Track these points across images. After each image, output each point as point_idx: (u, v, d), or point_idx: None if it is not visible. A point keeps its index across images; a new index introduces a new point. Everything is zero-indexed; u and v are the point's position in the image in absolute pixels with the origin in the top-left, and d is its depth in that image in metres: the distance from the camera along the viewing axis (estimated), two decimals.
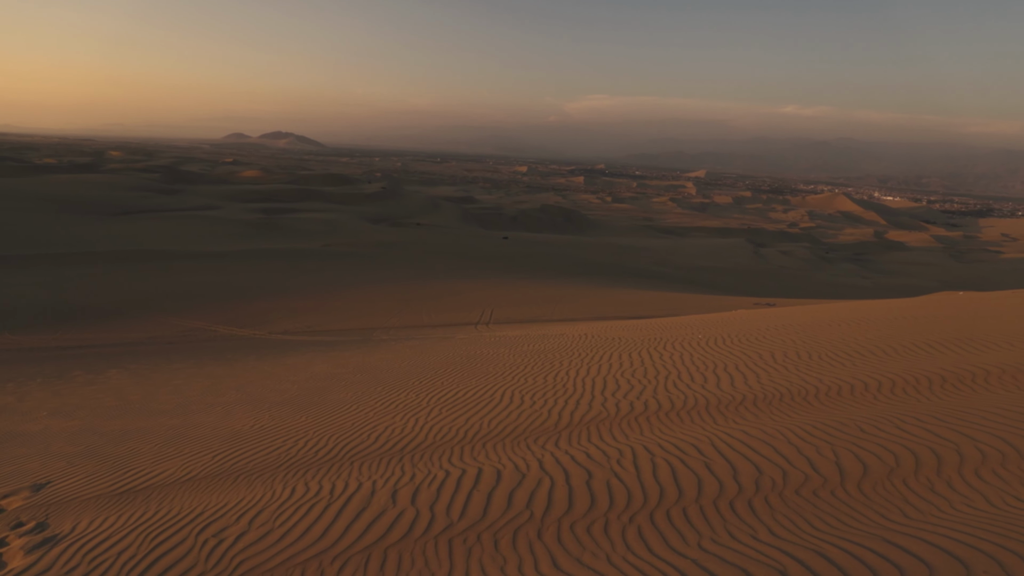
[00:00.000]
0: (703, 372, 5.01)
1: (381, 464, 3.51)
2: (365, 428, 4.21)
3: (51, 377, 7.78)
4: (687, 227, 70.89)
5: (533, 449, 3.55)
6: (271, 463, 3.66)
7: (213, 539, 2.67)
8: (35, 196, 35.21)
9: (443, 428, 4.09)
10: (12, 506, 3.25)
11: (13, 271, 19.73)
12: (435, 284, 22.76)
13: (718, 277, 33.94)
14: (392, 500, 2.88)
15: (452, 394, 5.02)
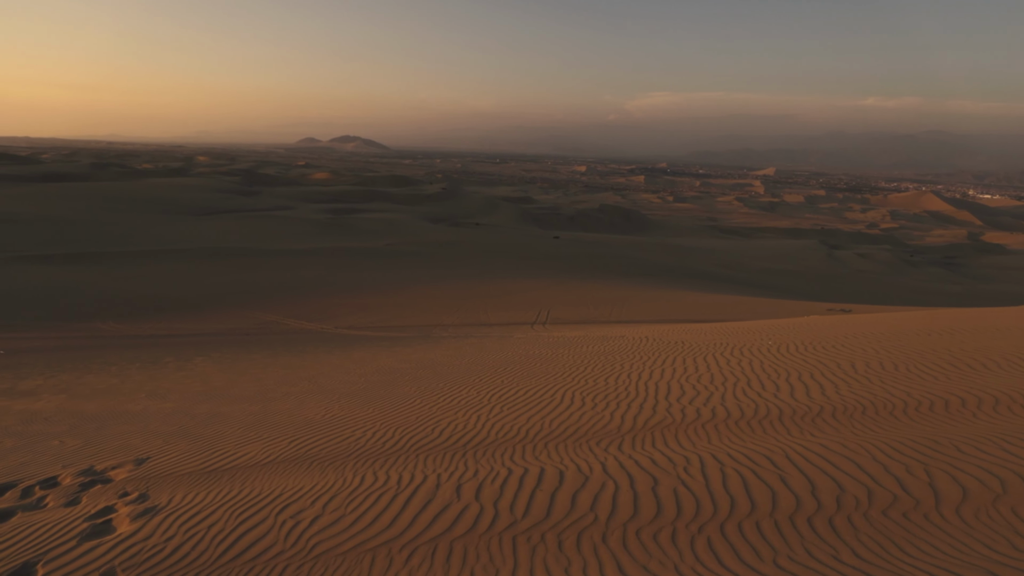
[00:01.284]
0: (775, 380, 4.77)
1: (445, 458, 3.59)
2: (429, 422, 4.33)
3: (147, 363, 8.52)
4: (754, 227, 67.71)
5: (595, 452, 3.51)
6: (342, 451, 3.84)
7: (291, 520, 2.83)
8: (135, 198, 38.77)
9: (504, 426, 4.13)
10: (119, 477, 3.60)
11: (116, 266, 21.78)
12: (492, 283, 23.00)
13: (787, 281, 32.16)
14: (457, 494, 2.94)
15: (512, 392, 5.06)
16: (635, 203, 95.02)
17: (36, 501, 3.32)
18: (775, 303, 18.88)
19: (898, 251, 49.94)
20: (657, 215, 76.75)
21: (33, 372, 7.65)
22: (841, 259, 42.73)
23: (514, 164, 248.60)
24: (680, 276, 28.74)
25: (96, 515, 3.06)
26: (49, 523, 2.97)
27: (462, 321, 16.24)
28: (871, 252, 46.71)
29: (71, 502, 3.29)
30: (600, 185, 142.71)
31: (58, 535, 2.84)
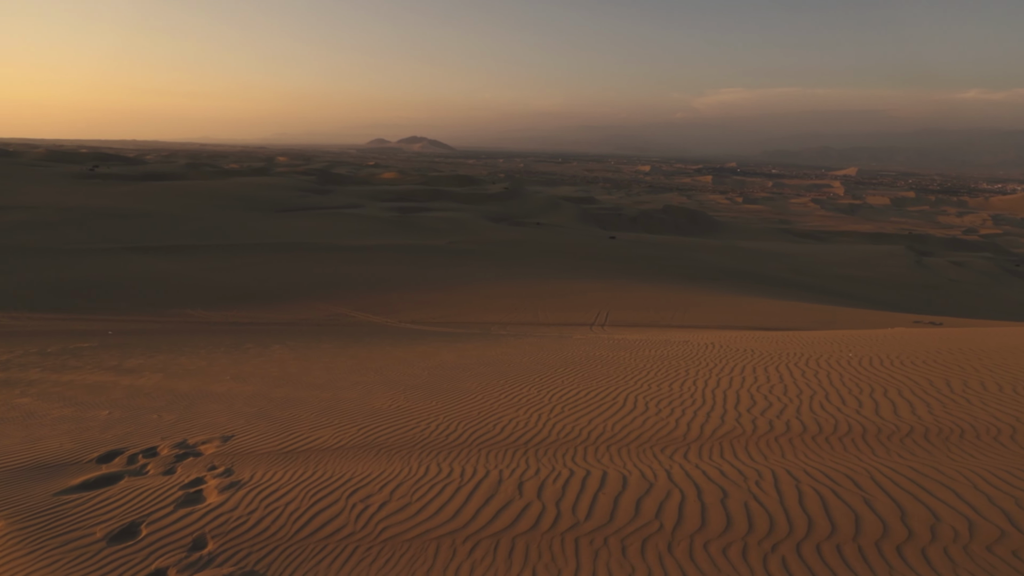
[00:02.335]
0: (857, 395, 4.45)
1: (506, 455, 3.63)
2: (491, 418, 4.39)
3: (230, 348, 9.18)
4: (831, 231, 63.47)
5: (660, 458, 3.43)
6: (407, 441, 3.97)
7: (361, 504, 2.96)
8: (224, 195, 41.91)
9: (566, 426, 4.11)
10: (208, 451, 3.91)
11: (206, 258, 23.62)
12: (551, 283, 22.93)
13: (868, 289, 29.91)
14: (519, 491, 2.97)
15: (573, 393, 5.03)
16: (701, 204, 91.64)
17: (139, 468, 3.67)
18: (854, 312, 17.62)
19: (1001, 260, 45.10)
20: (724, 217, 73.61)
21: (136, 352, 8.45)
22: (931, 267, 39.15)
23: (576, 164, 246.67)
24: (748, 281, 27.45)
25: (189, 485, 3.34)
26: (150, 488, 3.28)
27: (520, 320, 16.32)
28: (968, 260, 42.49)
29: (168, 471, 3.60)
30: (664, 185, 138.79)
31: (157, 500, 3.12)
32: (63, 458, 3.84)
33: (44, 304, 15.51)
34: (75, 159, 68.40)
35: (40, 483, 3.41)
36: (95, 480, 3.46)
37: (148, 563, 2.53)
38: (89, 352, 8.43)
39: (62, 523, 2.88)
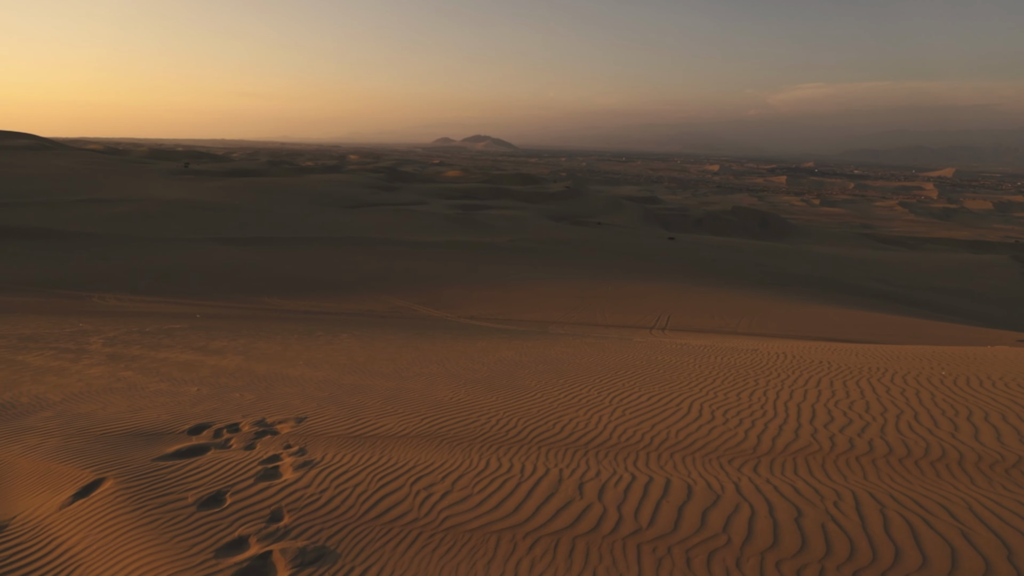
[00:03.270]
0: (952, 418, 4.07)
1: (566, 454, 3.62)
2: (551, 417, 4.39)
3: (303, 335, 9.71)
4: (921, 237, 58.41)
5: (727, 470, 3.29)
6: (468, 434, 4.04)
7: (424, 492, 3.05)
8: (300, 191, 44.42)
9: (627, 430, 4.04)
10: (284, 431, 4.16)
11: (282, 249, 25.12)
12: (611, 284, 22.57)
13: (964, 302, 27.24)
14: (579, 492, 2.95)
15: (635, 397, 4.93)
16: (774, 206, 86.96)
17: (224, 442, 3.96)
18: (947, 327, 16.10)
19: None
20: (799, 220, 69.43)
21: (220, 335, 9.13)
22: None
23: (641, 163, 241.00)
24: (823, 289, 25.77)
25: (267, 460, 3.57)
26: (233, 461, 3.53)
27: (578, 320, 16.18)
28: None
29: (248, 446, 3.87)
30: (734, 186, 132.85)
31: (240, 472, 3.36)
32: (160, 428, 4.22)
33: (144, 288, 17.08)
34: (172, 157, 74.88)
35: (141, 448, 3.77)
36: (186, 450, 3.77)
37: (232, 530, 2.72)
38: (180, 333, 9.20)
39: (160, 486, 3.16)
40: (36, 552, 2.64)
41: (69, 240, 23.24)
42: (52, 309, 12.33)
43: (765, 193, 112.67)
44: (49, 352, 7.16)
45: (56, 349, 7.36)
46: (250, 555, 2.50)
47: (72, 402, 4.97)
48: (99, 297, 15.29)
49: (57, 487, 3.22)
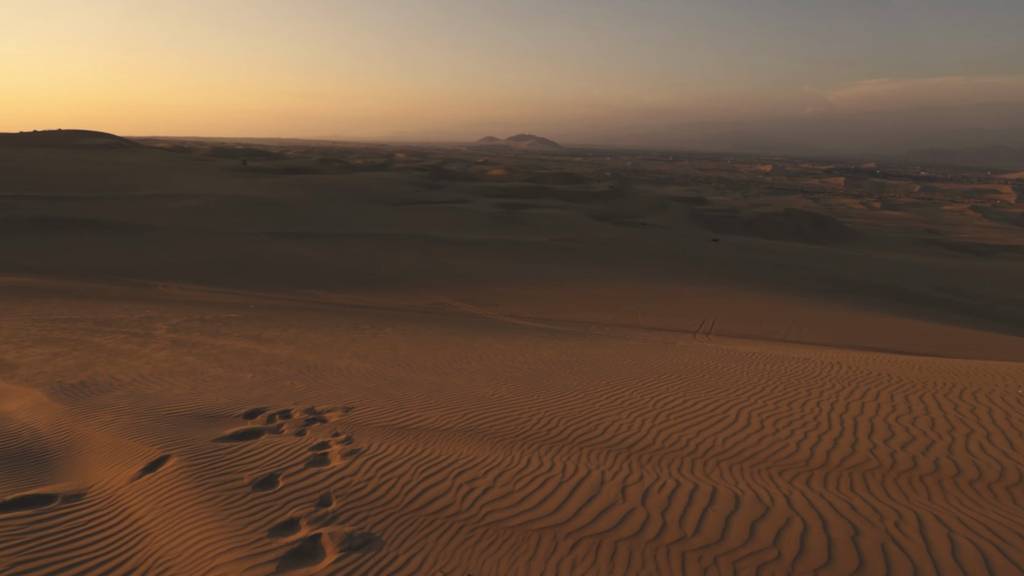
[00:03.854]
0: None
1: (608, 456, 3.58)
2: (592, 418, 4.35)
3: (349, 327, 10.00)
4: (995, 245, 54.42)
5: (777, 482, 3.17)
6: (509, 431, 4.07)
7: (466, 486, 3.09)
8: (349, 188, 45.81)
9: (671, 435, 3.96)
10: (332, 419, 4.31)
11: (331, 244, 25.96)
12: (653, 286, 22.17)
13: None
14: (622, 495, 2.92)
15: (680, 402, 4.83)
16: (830, 208, 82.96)
17: (276, 427, 4.14)
18: (1022, 342, 14.93)
19: None
20: (858, 224, 65.98)
21: (272, 325, 9.54)
22: None
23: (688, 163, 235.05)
24: (882, 297, 24.42)
25: (316, 447, 3.70)
26: (285, 446, 3.69)
27: (620, 321, 15.97)
28: None
29: (299, 432, 4.03)
30: (787, 187, 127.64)
31: (291, 457, 3.51)
32: (218, 410, 4.45)
33: (204, 278, 18.03)
34: (232, 155, 78.68)
35: (202, 429, 3.99)
36: (242, 432, 3.96)
37: (284, 511, 2.85)
38: (236, 322, 9.66)
39: (219, 465, 3.34)
40: (110, 520, 2.84)
41: (139, 232, 24.83)
42: (123, 296, 13.21)
43: (821, 195, 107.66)
44: (121, 336, 7.68)
45: (127, 333, 7.89)
46: (301, 536, 2.61)
47: (140, 383, 5.31)
48: (164, 286, 16.26)
49: (128, 461, 3.46)
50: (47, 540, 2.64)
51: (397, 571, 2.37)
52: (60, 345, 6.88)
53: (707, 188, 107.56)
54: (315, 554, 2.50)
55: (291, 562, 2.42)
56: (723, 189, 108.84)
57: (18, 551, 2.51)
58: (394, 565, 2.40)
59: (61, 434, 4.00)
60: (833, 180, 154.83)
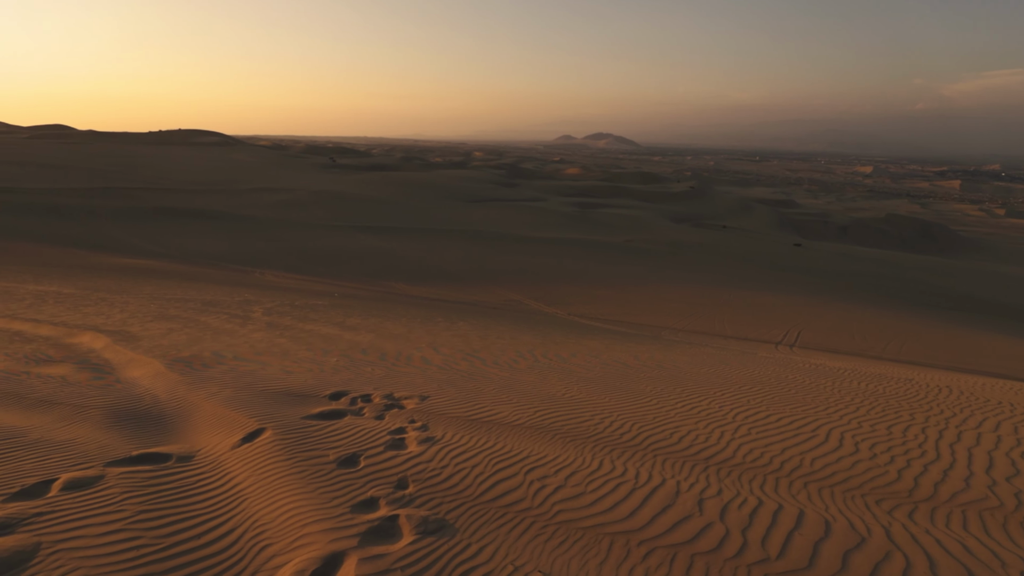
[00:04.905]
0: None
1: (684, 467, 3.46)
2: (667, 425, 4.22)
3: (424, 319, 10.35)
4: None
5: (874, 511, 2.91)
6: (580, 432, 4.04)
7: (538, 482, 3.11)
8: (428, 186, 47.41)
9: (753, 450, 3.75)
10: (409, 406, 4.49)
11: (410, 239, 26.99)
12: (733, 292, 21.11)
13: None
14: (698, 508, 2.80)
15: (762, 416, 4.56)
16: (941, 215, 74.87)
17: (358, 410, 4.37)
18: None
19: None
20: (976, 232, 58.98)
21: (354, 313, 10.07)
22: None
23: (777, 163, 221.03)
24: (1003, 316, 21.68)
25: (395, 432, 3.87)
26: (366, 428, 3.88)
27: (695, 328, 15.34)
28: None
29: (378, 417, 4.23)
30: (890, 190, 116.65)
31: (372, 439, 3.69)
32: (306, 390, 4.77)
33: (294, 267, 19.40)
34: (323, 152, 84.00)
35: (292, 407, 4.30)
36: (327, 412, 4.22)
37: (365, 490, 3.00)
38: (322, 309, 10.30)
39: (307, 442, 3.58)
40: (214, 482, 3.13)
41: (240, 223, 27.14)
42: (225, 280, 14.51)
43: (930, 200, 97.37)
44: (223, 316, 8.43)
45: (228, 314, 8.65)
46: (380, 515, 2.74)
47: (240, 360, 5.81)
48: (259, 272, 17.68)
49: (230, 430, 3.79)
50: (164, 494, 2.96)
51: (469, 559, 2.42)
52: (174, 322, 7.68)
53: (797, 190, 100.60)
54: (393, 533, 2.61)
55: (371, 538, 2.55)
56: (815, 192, 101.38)
57: (142, 500, 2.84)
58: (466, 553, 2.46)
59: (175, 401, 4.46)
60: (947, 183, 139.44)
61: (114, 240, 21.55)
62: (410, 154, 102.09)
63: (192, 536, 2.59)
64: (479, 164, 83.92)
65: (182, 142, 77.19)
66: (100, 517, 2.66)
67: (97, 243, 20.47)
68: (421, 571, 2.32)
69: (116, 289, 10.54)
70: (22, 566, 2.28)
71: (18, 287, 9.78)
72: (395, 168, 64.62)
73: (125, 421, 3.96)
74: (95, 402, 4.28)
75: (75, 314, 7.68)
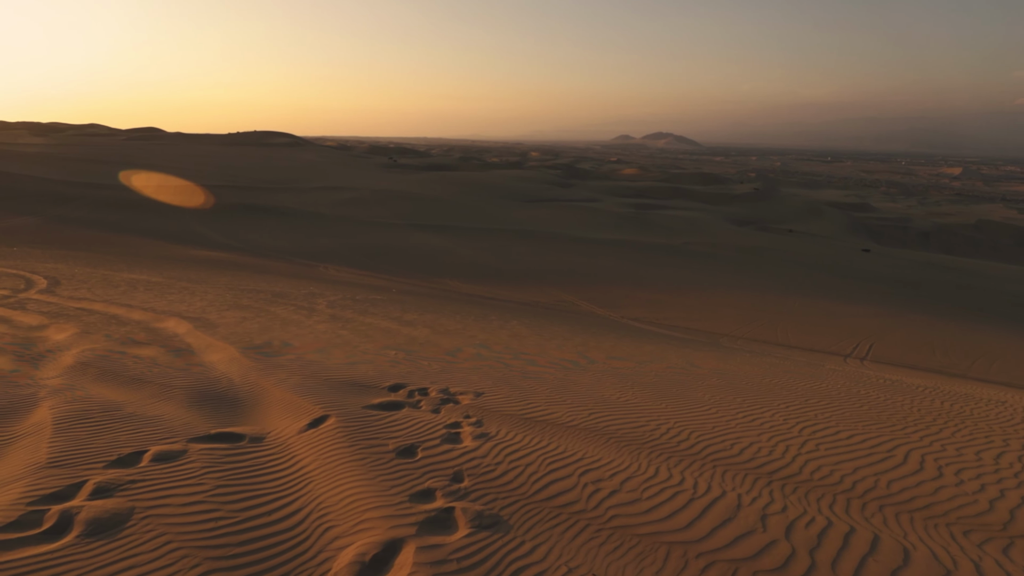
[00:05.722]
0: None
1: (746, 480, 3.32)
2: (727, 436, 4.07)
3: (478, 317, 10.49)
4: None
5: (961, 542, 2.69)
6: (635, 437, 3.96)
7: (592, 485, 3.08)
8: (485, 185, 48.01)
9: (821, 467, 3.55)
10: (464, 402, 4.57)
11: (465, 238, 27.43)
12: (796, 299, 20.05)
13: None
14: (762, 524, 2.69)
15: (831, 432, 4.31)
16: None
17: (415, 402, 4.49)
18: None
19: None
20: None
21: (411, 308, 10.36)
22: None
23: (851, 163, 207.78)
24: None
25: (450, 426, 3.95)
26: (423, 421, 3.99)
27: (756, 336, 14.69)
28: None
29: (434, 410, 4.33)
30: (981, 194, 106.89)
31: (428, 431, 3.78)
32: (367, 381, 4.96)
33: (356, 262, 20.17)
34: (384, 152, 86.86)
35: (354, 396, 4.48)
36: (387, 403, 4.37)
37: (422, 480, 3.09)
38: (381, 303, 10.66)
39: (368, 430, 3.72)
40: (283, 463, 3.31)
41: (307, 219, 28.52)
42: (292, 273, 15.30)
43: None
44: (291, 307, 8.90)
45: (295, 306, 9.12)
46: (437, 507, 2.80)
47: (306, 349, 6.11)
48: (323, 267, 18.51)
49: (297, 415, 4.00)
50: (239, 471, 3.16)
51: (523, 556, 2.44)
52: (247, 311, 8.18)
53: (873, 193, 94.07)
54: (449, 525, 2.67)
55: (428, 528, 2.62)
56: (894, 195, 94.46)
57: (220, 476, 3.05)
58: (521, 550, 2.48)
59: (248, 385, 4.75)
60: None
61: (195, 234, 23.22)
62: (468, 154, 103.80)
63: (263, 513, 2.75)
64: (535, 164, 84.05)
65: (256, 143, 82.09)
66: (184, 488, 2.89)
67: (181, 236, 22.13)
68: (476, 564, 2.36)
69: (196, 279, 11.36)
70: (119, 527, 2.50)
71: (114, 275, 10.73)
72: (453, 168, 65.86)
73: (204, 401, 4.26)
74: (179, 382, 4.63)
75: (161, 301, 8.33)
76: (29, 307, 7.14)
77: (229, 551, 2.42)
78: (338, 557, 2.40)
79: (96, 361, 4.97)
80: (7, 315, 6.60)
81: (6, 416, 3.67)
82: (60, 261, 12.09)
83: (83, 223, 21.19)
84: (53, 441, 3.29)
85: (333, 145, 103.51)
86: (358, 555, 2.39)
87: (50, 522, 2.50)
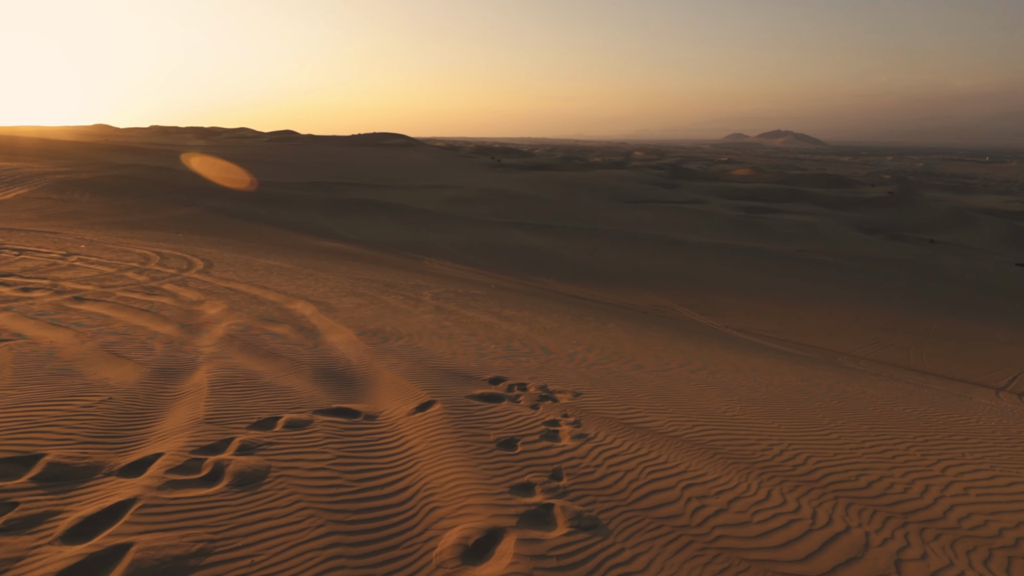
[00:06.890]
0: None
1: (874, 517, 2.99)
2: (851, 465, 3.69)
3: (575, 317, 10.45)
4: None
5: None
6: (743, 456, 3.73)
7: (696, 500, 2.95)
8: (587, 185, 47.68)
9: (971, 515, 3.10)
10: (562, 400, 4.59)
11: (564, 237, 27.44)
12: (936, 319, 17.66)
13: None
14: (896, 569, 2.41)
15: (982, 475, 3.74)
16: None
17: (515, 397, 4.59)
18: None
19: None
20: None
21: (510, 305, 10.57)
22: None
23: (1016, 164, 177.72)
24: None
25: (549, 423, 3.99)
26: (522, 416, 4.06)
27: (882, 358, 13.14)
28: None
29: (533, 406, 4.39)
30: None
31: (528, 426, 3.85)
32: (469, 372, 5.15)
33: (458, 257, 20.99)
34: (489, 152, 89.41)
35: (457, 385, 4.68)
36: (488, 395, 4.51)
37: (522, 474, 3.15)
38: (481, 298, 10.99)
39: (470, 419, 3.87)
40: (394, 442, 3.55)
41: (416, 215, 30.19)
42: (401, 265, 16.29)
43: None
44: (400, 297, 9.48)
45: (404, 296, 9.70)
46: (536, 502, 2.85)
47: (413, 338, 6.48)
48: (428, 261, 19.49)
49: (406, 398, 4.27)
50: (356, 445, 3.45)
51: (624, 563, 2.40)
52: (362, 299, 8.85)
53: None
54: (548, 521, 2.70)
55: (528, 521, 2.67)
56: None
57: (340, 447, 3.35)
58: (620, 557, 2.45)
59: (363, 367, 5.15)
60: None
61: (319, 226, 25.56)
62: (570, 154, 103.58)
63: (377, 486, 2.98)
64: (638, 164, 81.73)
65: (374, 144, 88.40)
66: (310, 454, 3.20)
67: (308, 228, 24.49)
68: (575, 564, 2.37)
69: (319, 267, 12.51)
70: (259, 482, 2.84)
71: (254, 260, 12.15)
72: (555, 168, 66.09)
73: (326, 378, 4.69)
74: (305, 359, 5.14)
75: (291, 285, 9.28)
76: (190, 284, 8.32)
77: (347, 516, 2.65)
78: (443, 537, 2.53)
79: (240, 334, 5.67)
80: (174, 290, 7.75)
81: (176, 376, 4.32)
82: (213, 246, 13.91)
83: (231, 214, 24.19)
84: (209, 401, 3.81)
85: (442, 145, 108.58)
86: (462, 538, 2.50)
87: (206, 470, 2.91)
